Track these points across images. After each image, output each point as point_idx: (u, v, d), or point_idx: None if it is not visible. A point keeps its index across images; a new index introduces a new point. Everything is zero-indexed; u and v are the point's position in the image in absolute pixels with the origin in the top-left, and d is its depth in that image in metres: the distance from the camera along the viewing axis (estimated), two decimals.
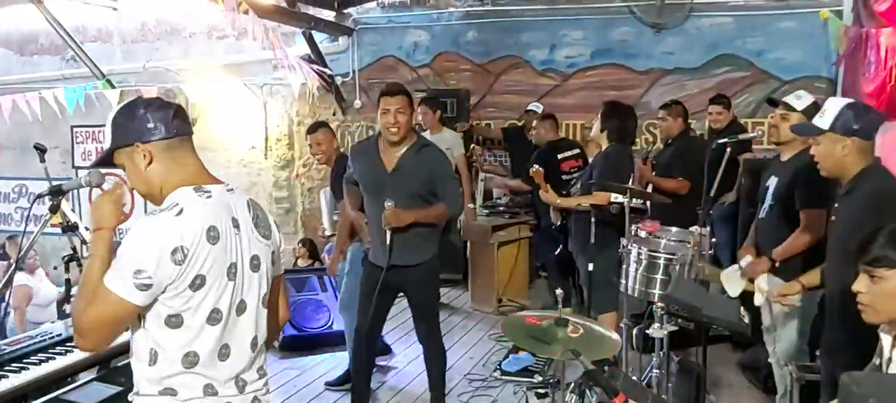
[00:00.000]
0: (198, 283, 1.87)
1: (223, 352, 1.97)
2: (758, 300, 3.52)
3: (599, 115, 4.78)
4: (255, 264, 2.04)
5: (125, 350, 2.91)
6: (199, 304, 1.90)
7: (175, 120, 1.97)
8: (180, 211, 1.87)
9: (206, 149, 8.78)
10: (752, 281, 3.60)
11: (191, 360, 1.92)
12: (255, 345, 2.07)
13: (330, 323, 5.77)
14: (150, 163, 1.96)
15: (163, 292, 1.86)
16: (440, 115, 6.82)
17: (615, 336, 2.45)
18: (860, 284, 2.06)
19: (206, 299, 1.90)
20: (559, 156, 6.14)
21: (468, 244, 6.99)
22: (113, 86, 8.07)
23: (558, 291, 2.48)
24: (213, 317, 1.92)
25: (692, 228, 4.31)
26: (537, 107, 7.30)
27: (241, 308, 2.00)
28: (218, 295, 1.92)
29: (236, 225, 1.99)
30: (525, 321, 2.49)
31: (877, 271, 2.00)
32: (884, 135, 3.57)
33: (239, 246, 1.99)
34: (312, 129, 5.15)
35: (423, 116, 6.64)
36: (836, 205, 3.03)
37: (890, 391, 1.17)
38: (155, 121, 1.95)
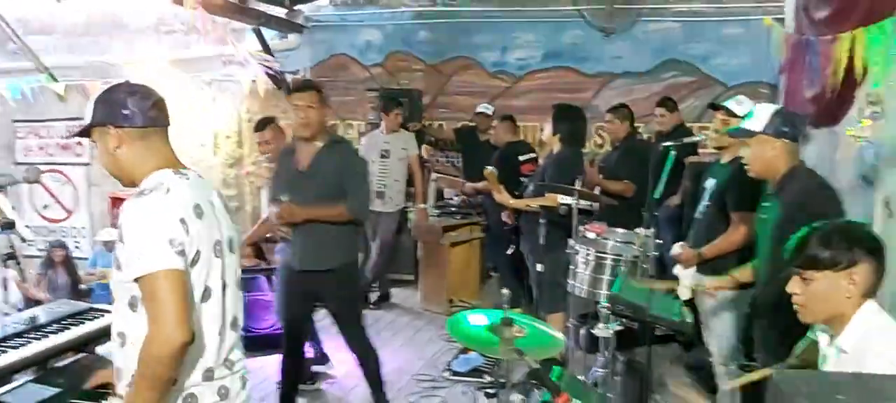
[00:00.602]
0: (195, 259, 1.93)
1: (215, 329, 2.02)
2: (682, 293, 3.60)
3: (551, 119, 4.84)
4: (231, 245, 2.11)
5: (64, 349, 2.84)
6: (195, 282, 1.94)
7: (152, 110, 2.03)
8: (168, 190, 1.93)
9: None
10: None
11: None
12: (236, 325, 2.13)
13: (278, 323, 5.70)
14: (118, 146, 2.00)
15: None
16: (399, 116, 6.82)
17: (560, 335, 2.49)
18: (793, 286, 2.12)
19: (199, 277, 1.95)
20: (520, 158, 6.20)
21: (419, 244, 7.00)
22: (56, 80, 7.87)
23: (504, 291, 2.50)
24: (205, 296, 1.98)
25: (637, 230, 4.40)
26: (487, 108, 7.34)
27: (224, 287, 2.05)
28: (208, 272, 1.98)
29: (212, 205, 2.06)
30: (469, 320, 2.51)
31: (806, 273, 2.07)
32: None
33: (218, 225, 2.05)
34: (260, 127, 5.09)
35: (396, 117, 6.70)
36: (765, 205, 3.13)
37: (818, 389, 1.21)
38: (131, 108, 2.00)
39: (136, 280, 1.84)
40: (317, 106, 3.77)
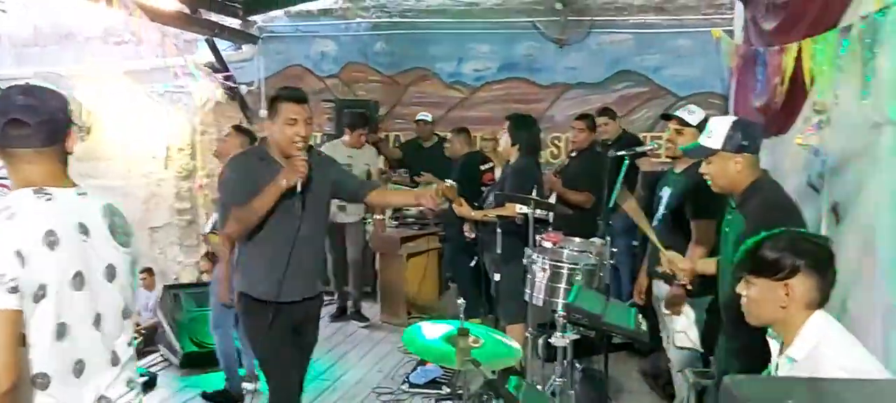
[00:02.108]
0: (39, 294, 1.75)
1: (77, 369, 1.84)
2: (678, 340, 3.64)
3: (507, 129, 4.83)
4: (110, 273, 1.93)
5: None
6: (43, 318, 1.76)
7: (9, 127, 1.82)
8: (11, 215, 1.75)
9: (103, 159, 8.45)
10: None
11: (42, 382, 1.79)
12: (117, 360, 1.96)
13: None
14: None
15: None
16: (363, 136, 6.75)
17: (516, 345, 2.48)
18: (740, 287, 2.20)
19: (49, 312, 1.77)
20: (481, 168, 6.22)
21: (377, 255, 6.95)
22: None
23: (459, 301, 2.49)
24: (60, 332, 1.79)
25: (593, 239, 4.44)
26: (426, 116, 7.37)
27: (97, 320, 1.89)
28: (62, 307, 1.79)
29: (84, 230, 1.87)
30: (424, 331, 2.49)
31: (748, 276, 2.15)
32: None
33: (87, 253, 1.86)
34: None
35: (359, 136, 6.63)
36: (728, 217, 3.15)
37: (769, 393, 1.22)
38: None
39: None
40: (312, 120, 3.32)
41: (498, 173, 6.65)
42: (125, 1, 5.05)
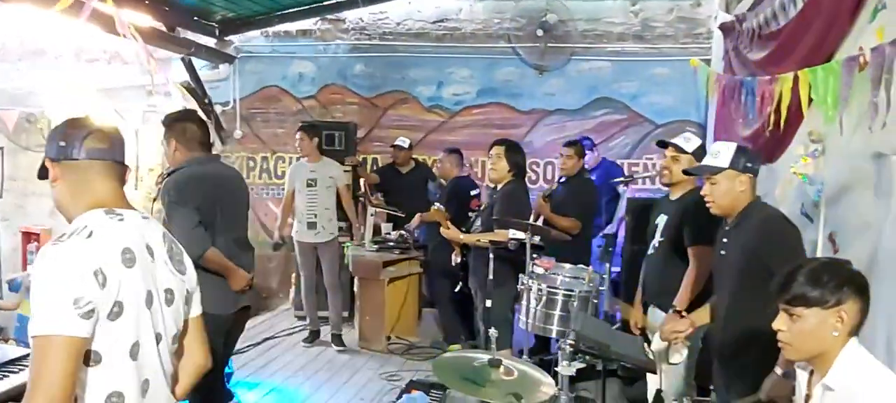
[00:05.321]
0: (115, 312, 1.73)
1: (143, 388, 1.84)
2: (655, 345, 3.63)
3: (503, 154, 4.79)
4: (169, 298, 1.94)
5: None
6: (119, 336, 1.76)
7: (86, 140, 1.86)
8: (90, 234, 1.74)
9: None
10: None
11: (116, 401, 1.78)
12: (169, 383, 1.96)
13: None
14: (54, 181, 1.89)
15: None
16: (318, 143, 6.50)
17: (549, 379, 2.41)
18: (780, 322, 2.10)
19: (125, 330, 1.76)
20: (470, 193, 6.19)
21: (355, 280, 6.80)
22: None
23: (492, 331, 2.43)
24: (134, 351, 1.79)
25: (580, 265, 4.44)
26: (404, 141, 7.25)
27: (158, 341, 1.88)
28: (137, 326, 1.79)
29: (151, 252, 1.89)
30: (456, 361, 2.42)
31: (795, 310, 2.05)
32: None
33: (154, 274, 1.88)
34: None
35: (299, 143, 6.42)
36: (724, 240, 3.17)
37: None
38: (66, 140, 1.87)
39: (32, 337, 1.64)
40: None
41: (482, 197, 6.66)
42: (100, 18, 4.93)
